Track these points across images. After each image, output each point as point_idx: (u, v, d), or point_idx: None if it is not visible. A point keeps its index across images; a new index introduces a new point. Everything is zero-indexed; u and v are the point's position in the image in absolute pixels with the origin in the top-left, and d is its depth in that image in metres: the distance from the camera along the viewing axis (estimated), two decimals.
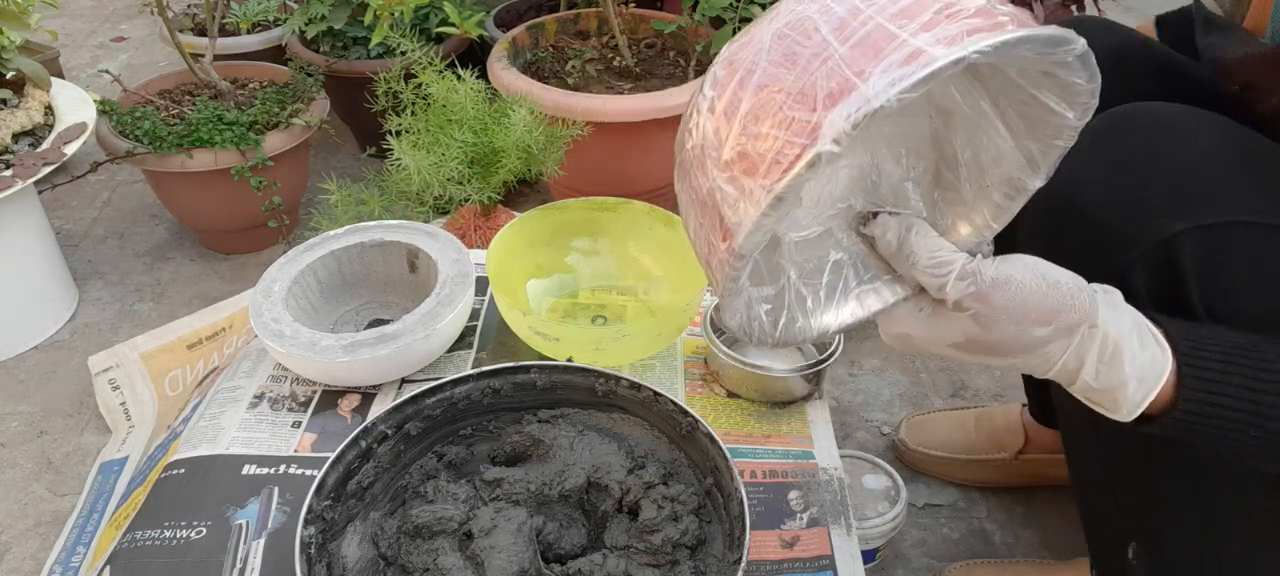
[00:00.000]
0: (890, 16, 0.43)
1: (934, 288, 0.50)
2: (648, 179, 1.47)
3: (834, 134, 0.41)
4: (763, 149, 0.43)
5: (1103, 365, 0.51)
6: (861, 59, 0.42)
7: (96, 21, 2.46)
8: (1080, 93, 0.46)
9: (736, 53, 0.47)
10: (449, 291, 0.90)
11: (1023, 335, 0.50)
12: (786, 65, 0.44)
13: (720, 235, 0.47)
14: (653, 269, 1.01)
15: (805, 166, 0.41)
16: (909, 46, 0.41)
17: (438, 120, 1.18)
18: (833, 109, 0.41)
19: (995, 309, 0.49)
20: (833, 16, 0.44)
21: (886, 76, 0.40)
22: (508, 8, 1.81)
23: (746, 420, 0.87)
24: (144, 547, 0.74)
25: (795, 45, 0.44)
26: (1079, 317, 0.50)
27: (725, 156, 0.45)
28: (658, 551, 0.67)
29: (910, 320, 0.53)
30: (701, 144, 0.47)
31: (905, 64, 0.40)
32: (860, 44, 0.42)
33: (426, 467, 0.77)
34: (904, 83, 0.40)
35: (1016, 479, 1.06)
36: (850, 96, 0.41)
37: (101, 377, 1.13)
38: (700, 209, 0.48)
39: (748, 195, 0.44)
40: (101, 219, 1.61)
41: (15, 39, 1.30)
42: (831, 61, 0.42)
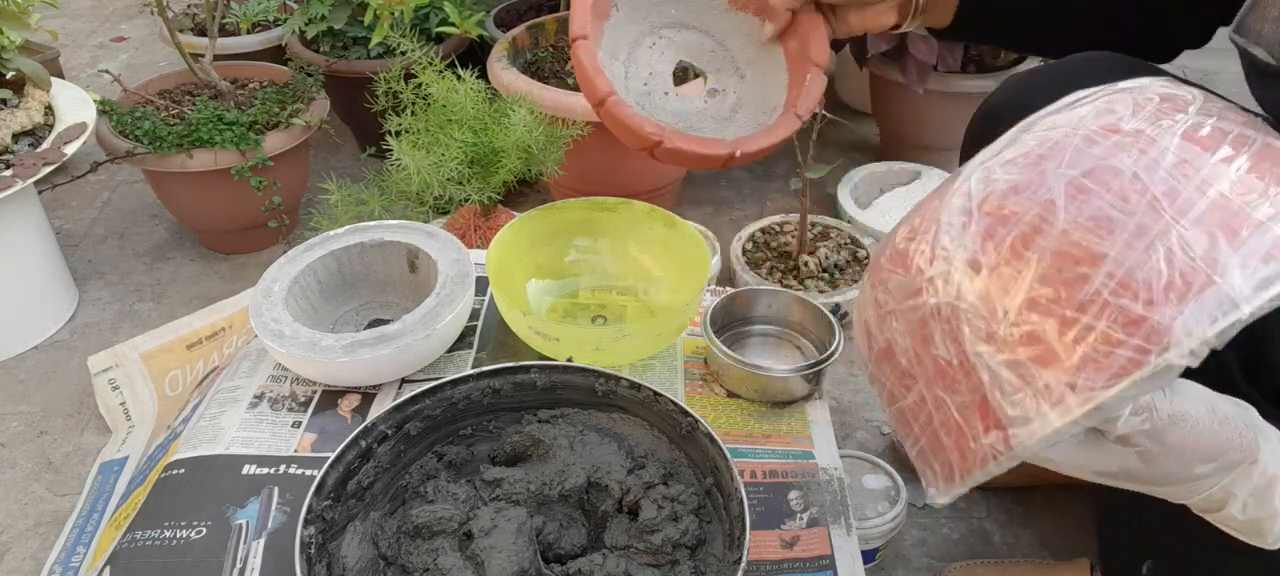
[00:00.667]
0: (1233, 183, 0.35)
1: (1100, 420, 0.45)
2: (648, 179, 1.47)
3: (1193, 344, 0.33)
4: (1069, 339, 0.35)
5: (1253, 499, 0.48)
6: (1211, 243, 0.34)
7: (96, 21, 2.46)
8: None
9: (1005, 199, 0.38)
10: (449, 291, 0.90)
11: (1184, 472, 0.46)
12: (1099, 233, 0.35)
13: (982, 423, 0.38)
14: (653, 269, 1.01)
15: (1149, 375, 0.34)
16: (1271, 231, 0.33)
17: (438, 120, 1.18)
18: (1182, 306, 0.33)
19: (1166, 447, 0.44)
20: (1157, 174, 0.35)
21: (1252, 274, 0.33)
22: (508, 8, 1.81)
23: (746, 420, 0.87)
24: (144, 547, 0.74)
25: (1108, 208, 0.36)
26: (1242, 455, 0.46)
27: (1003, 333, 0.37)
28: (658, 551, 0.67)
29: (1061, 446, 0.46)
30: (954, 305, 0.38)
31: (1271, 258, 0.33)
32: (1204, 221, 0.34)
33: (426, 467, 0.77)
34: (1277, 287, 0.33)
35: (1016, 479, 1.05)
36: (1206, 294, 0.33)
37: (101, 377, 1.13)
38: (940, 377, 0.40)
39: (1044, 392, 0.36)
40: (101, 219, 1.61)
41: (15, 39, 1.30)
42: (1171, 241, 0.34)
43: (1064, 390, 0.35)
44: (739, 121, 0.80)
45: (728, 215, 1.57)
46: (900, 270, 0.42)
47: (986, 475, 0.40)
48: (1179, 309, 0.33)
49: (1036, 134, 0.40)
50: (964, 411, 0.39)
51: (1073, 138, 0.38)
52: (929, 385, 0.41)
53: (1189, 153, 0.36)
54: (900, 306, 0.42)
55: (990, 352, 0.37)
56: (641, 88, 0.80)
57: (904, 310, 0.42)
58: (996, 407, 0.38)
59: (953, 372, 0.39)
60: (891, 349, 0.43)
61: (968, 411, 0.39)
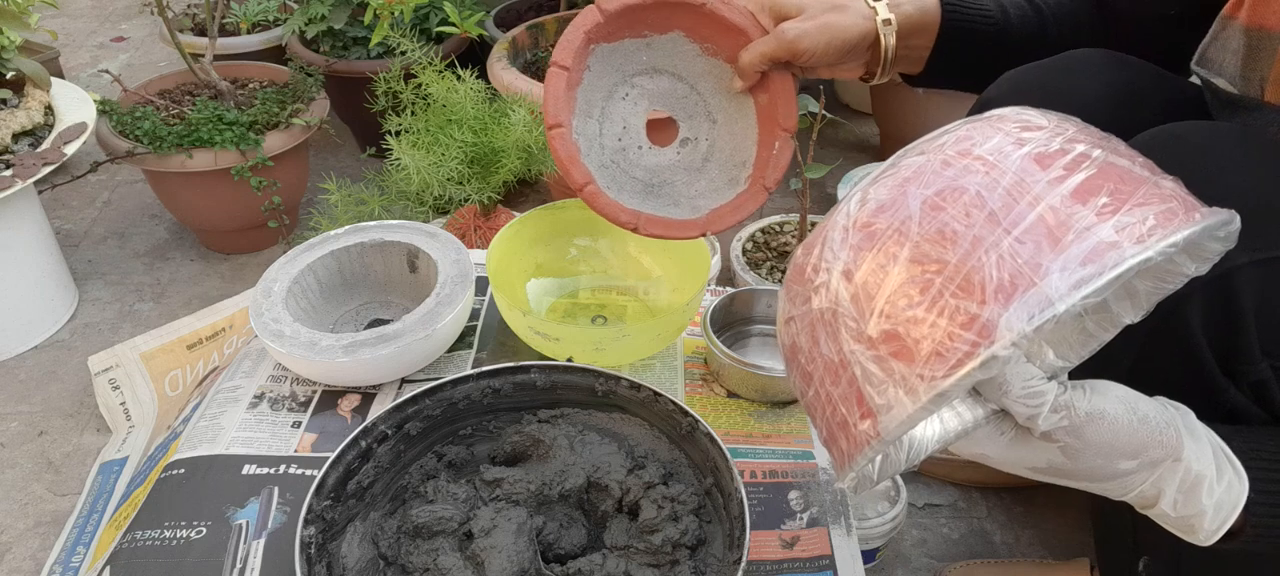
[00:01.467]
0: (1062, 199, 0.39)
1: (1024, 417, 0.48)
2: None
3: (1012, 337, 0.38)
4: (918, 335, 0.40)
5: (1181, 496, 0.50)
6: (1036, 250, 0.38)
7: (96, 21, 2.46)
8: (1210, 254, 0.45)
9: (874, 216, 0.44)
10: (449, 291, 0.90)
11: (1108, 468, 0.49)
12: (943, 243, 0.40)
13: (859, 412, 0.44)
14: (653, 269, 1.01)
15: (977, 367, 0.38)
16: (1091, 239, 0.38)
17: (437, 120, 1.18)
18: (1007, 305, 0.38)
19: (1086, 443, 0.48)
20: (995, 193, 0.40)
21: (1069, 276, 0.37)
22: (508, 8, 1.81)
23: (746, 420, 0.87)
24: (144, 547, 0.74)
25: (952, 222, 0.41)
26: (1165, 453, 0.49)
27: (869, 331, 0.42)
28: (658, 551, 0.67)
29: (990, 443, 0.51)
30: (833, 309, 0.44)
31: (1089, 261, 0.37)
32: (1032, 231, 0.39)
33: (426, 467, 0.77)
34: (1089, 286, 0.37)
35: (1016, 479, 1.06)
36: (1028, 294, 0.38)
37: (101, 378, 1.13)
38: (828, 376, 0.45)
39: (900, 382, 0.41)
40: (101, 219, 1.61)
41: (15, 39, 1.30)
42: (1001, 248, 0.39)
43: (915, 380, 0.40)
44: (710, 173, 0.86)
45: None
46: (798, 281, 0.48)
47: (867, 459, 0.44)
48: (1004, 308, 0.38)
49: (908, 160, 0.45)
50: (846, 403, 0.44)
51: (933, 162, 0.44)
52: (821, 381, 0.46)
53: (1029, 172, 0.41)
54: (798, 312, 0.47)
55: (861, 350, 0.43)
56: (616, 144, 0.85)
57: (800, 315, 0.47)
58: (867, 399, 0.43)
59: (836, 369, 0.45)
60: (794, 350, 0.49)
61: (848, 403, 0.44)
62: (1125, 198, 0.40)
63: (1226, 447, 0.52)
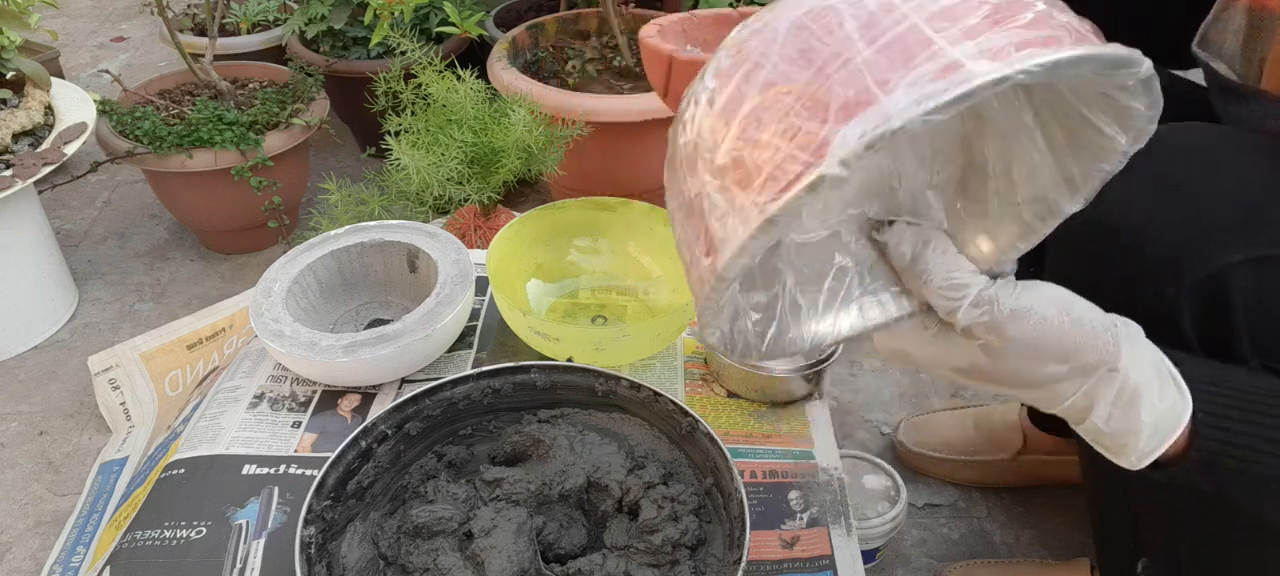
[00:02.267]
0: (929, 16, 0.37)
1: (944, 310, 0.46)
2: (648, 179, 1.47)
3: (843, 154, 0.35)
4: (760, 159, 0.37)
5: (1116, 410, 0.47)
6: (887, 66, 0.36)
7: (96, 21, 2.46)
8: (1137, 118, 0.41)
9: (746, 39, 0.40)
10: (449, 291, 0.90)
11: (1033, 371, 0.46)
12: (800, 63, 0.38)
13: (703, 248, 0.41)
14: (653, 269, 1.01)
15: (805, 189, 0.36)
16: (946, 56, 0.35)
17: (437, 120, 1.18)
18: (845, 123, 0.35)
19: (1008, 342, 0.45)
20: (862, 9, 0.37)
21: (913, 91, 0.35)
22: (508, 8, 1.81)
23: (746, 420, 0.87)
24: (144, 547, 0.74)
25: (814, 40, 0.38)
26: (1099, 359, 0.46)
27: (718, 161, 0.39)
28: (658, 551, 0.67)
29: (912, 338, 0.49)
30: (695, 142, 0.41)
31: (938, 77, 0.35)
32: (888, 47, 0.36)
33: (426, 467, 0.77)
34: (931, 102, 0.34)
35: (1016, 479, 1.06)
36: (867, 111, 0.35)
37: (101, 378, 1.13)
38: (686, 213, 0.42)
39: (738, 211, 0.38)
40: (101, 219, 1.61)
41: (15, 39, 1.30)
42: (852, 65, 0.36)
43: (750, 207, 0.38)
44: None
45: None
46: (677, 119, 0.44)
47: (711, 302, 0.42)
48: (840, 125, 0.35)
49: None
50: (696, 240, 0.42)
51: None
52: (682, 224, 0.43)
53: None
54: (670, 150, 0.44)
55: (710, 181, 0.40)
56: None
57: (671, 154, 0.44)
58: (712, 233, 0.40)
59: (691, 205, 0.42)
60: (667, 196, 0.45)
61: (696, 240, 0.42)
62: (1000, 21, 0.36)
63: (1173, 368, 0.49)
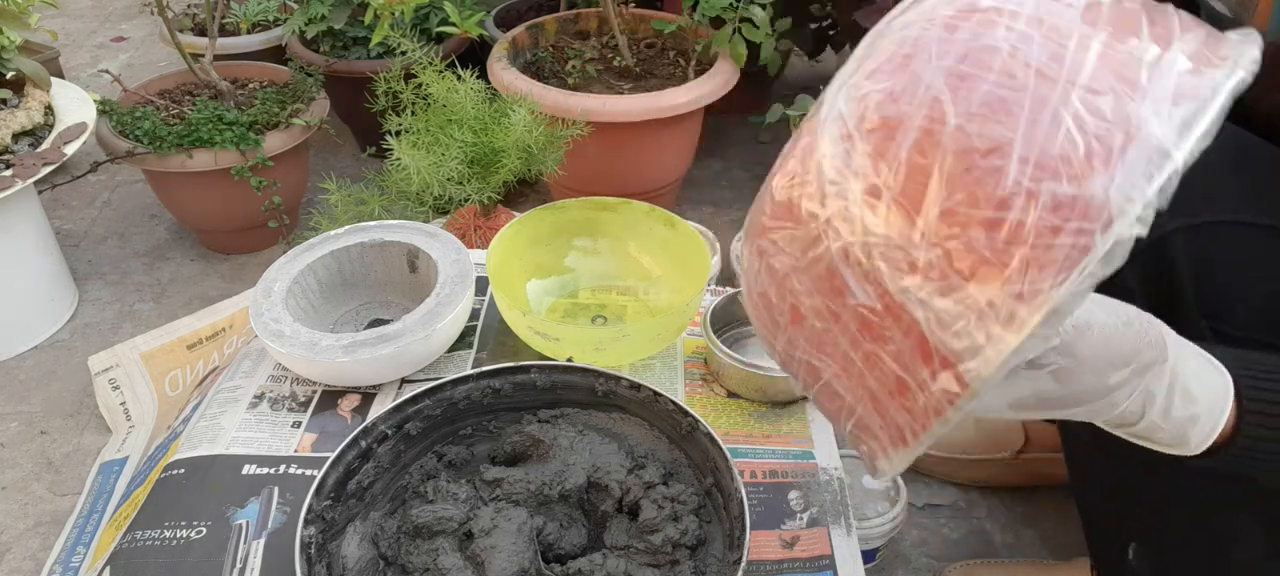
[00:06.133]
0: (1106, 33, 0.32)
1: None
2: (648, 179, 1.47)
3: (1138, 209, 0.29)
4: (1000, 243, 0.31)
5: (1172, 401, 0.46)
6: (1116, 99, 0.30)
7: (96, 21, 2.46)
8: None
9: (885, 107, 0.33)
10: (449, 291, 0.90)
11: (1101, 383, 0.43)
12: (997, 117, 0.31)
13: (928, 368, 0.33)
14: (653, 269, 1.01)
15: (1100, 260, 0.30)
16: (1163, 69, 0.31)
17: (438, 120, 1.18)
18: (1110, 171, 0.29)
19: (1079, 360, 0.42)
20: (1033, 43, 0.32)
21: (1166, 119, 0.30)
22: (508, 8, 1.81)
23: (746, 420, 0.87)
24: (144, 547, 0.74)
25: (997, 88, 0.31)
26: (1155, 355, 0.44)
27: (925, 258, 0.32)
28: (658, 551, 0.67)
29: None
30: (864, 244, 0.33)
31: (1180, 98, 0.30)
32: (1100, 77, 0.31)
33: (426, 467, 0.77)
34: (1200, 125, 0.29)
35: (1016, 478, 1.06)
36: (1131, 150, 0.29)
37: (101, 378, 1.13)
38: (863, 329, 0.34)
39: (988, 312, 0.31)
40: (101, 219, 1.60)
41: (15, 39, 1.30)
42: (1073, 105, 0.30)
43: (1012, 303, 0.31)
44: None
45: (728, 215, 1.57)
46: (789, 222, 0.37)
47: (945, 426, 0.35)
48: (1110, 175, 0.30)
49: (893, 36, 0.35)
50: (902, 360, 0.34)
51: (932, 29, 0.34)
52: (854, 344, 0.35)
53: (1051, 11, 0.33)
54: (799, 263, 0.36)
55: (917, 284, 0.32)
56: None
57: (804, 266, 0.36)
58: (939, 345, 0.32)
59: (879, 320, 0.34)
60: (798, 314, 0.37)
61: (907, 359, 0.34)
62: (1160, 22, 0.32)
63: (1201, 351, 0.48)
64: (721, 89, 1.42)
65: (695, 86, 1.40)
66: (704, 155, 1.62)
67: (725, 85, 1.43)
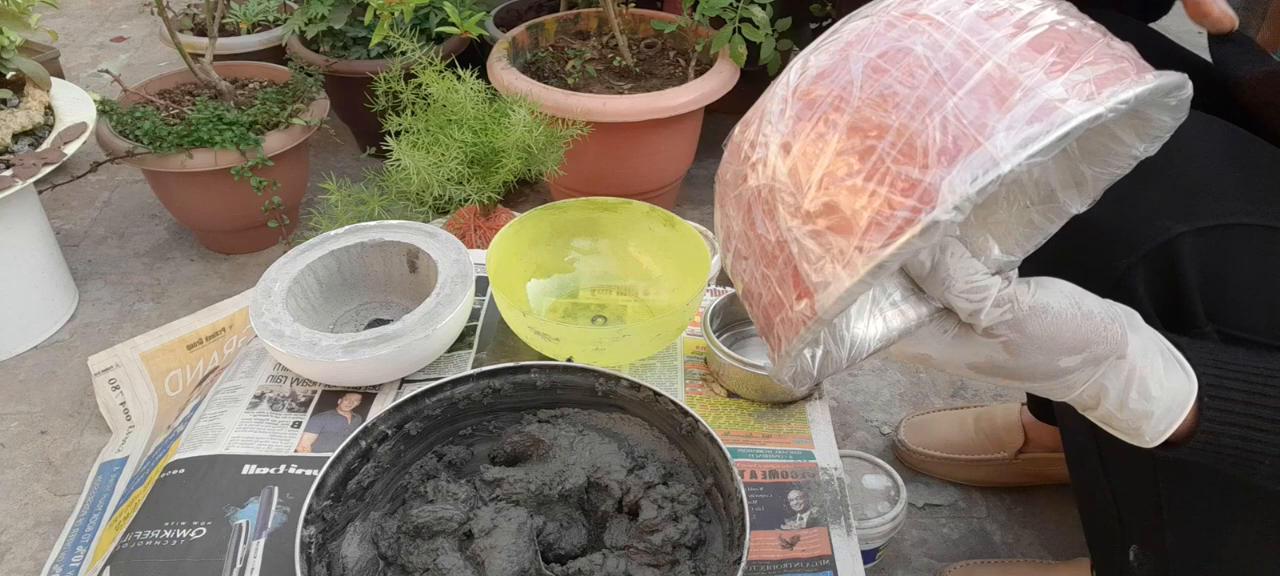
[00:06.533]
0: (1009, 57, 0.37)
1: (967, 312, 0.47)
2: (648, 179, 1.47)
3: (955, 200, 0.35)
4: (857, 205, 0.38)
5: (1127, 394, 0.49)
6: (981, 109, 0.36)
7: (96, 21, 2.46)
8: (1160, 128, 0.43)
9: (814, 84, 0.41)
10: (449, 291, 0.90)
11: (1050, 364, 0.48)
12: (885, 107, 0.38)
13: (795, 293, 0.41)
14: (653, 269, 1.01)
15: (918, 234, 0.36)
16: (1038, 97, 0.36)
17: (437, 120, 1.18)
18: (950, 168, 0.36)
19: (1027, 338, 0.47)
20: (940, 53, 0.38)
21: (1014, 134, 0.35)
22: (508, 8, 1.81)
23: (746, 420, 0.87)
24: (144, 547, 0.74)
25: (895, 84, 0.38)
26: (1109, 349, 0.48)
27: (806, 206, 0.40)
28: (658, 551, 0.67)
29: (933, 341, 0.50)
30: (770, 185, 0.41)
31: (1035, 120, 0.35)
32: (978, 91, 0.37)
33: (426, 467, 0.77)
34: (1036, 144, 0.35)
35: (1016, 478, 1.06)
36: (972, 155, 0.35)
37: (101, 378, 1.13)
38: (764, 256, 0.43)
39: (839, 257, 0.39)
40: (101, 219, 1.61)
41: (15, 39, 1.30)
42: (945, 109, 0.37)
43: (853, 253, 0.38)
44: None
45: None
46: (734, 160, 0.45)
47: (802, 342, 0.42)
48: (947, 171, 0.36)
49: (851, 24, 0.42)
50: (781, 284, 0.42)
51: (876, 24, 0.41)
52: (757, 263, 0.44)
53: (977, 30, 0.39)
54: (733, 193, 0.45)
55: (798, 226, 0.40)
56: None
57: (735, 196, 0.44)
58: (804, 277, 0.40)
59: (771, 249, 0.42)
60: (729, 235, 0.46)
61: (784, 283, 0.42)
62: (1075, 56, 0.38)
63: (1175, 350, 0.51)
64: (721, 89, 1.42)
65: (695, 86, 1.40)
66: (704, 155, 1.62)
67: (725, 85, 1.43)
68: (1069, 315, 0.47)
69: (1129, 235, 0.59)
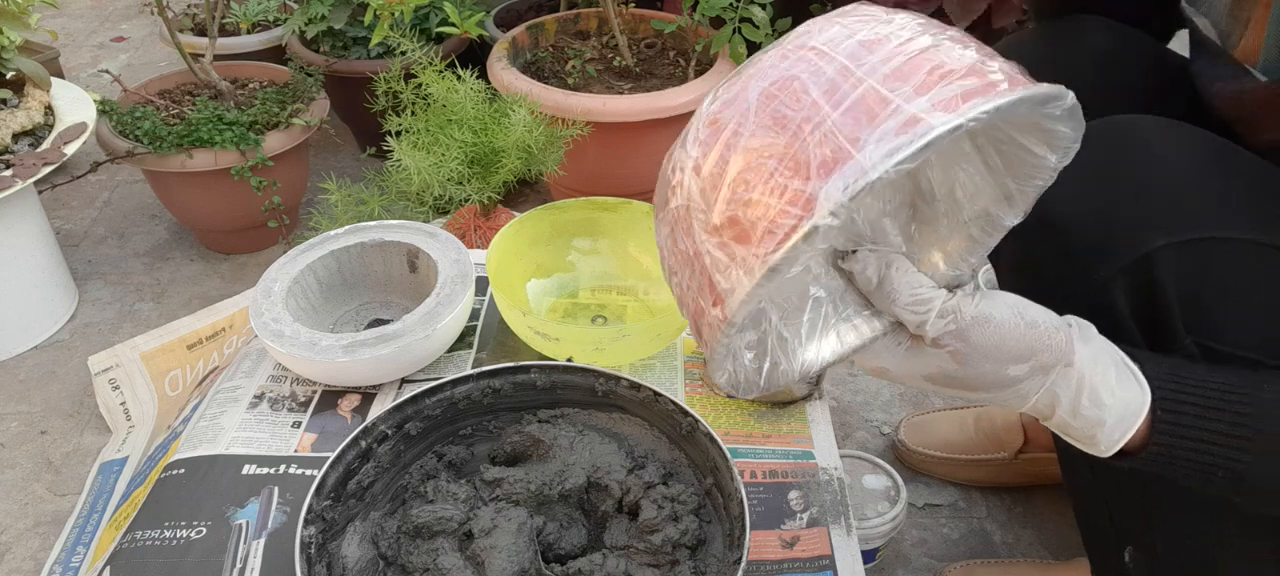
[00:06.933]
0: (882, 78, 0.41)
1: (913, 324, 0.50)
2: (648, 179, 1.47)
3: (830, 206, 0.39)
4: (754, 216, 0.42)
5: (1079, 402, 0.51)
6: (855, 126, 0.41)
7: (96, 21, 2.46)
8: (1063, 139, 0.46)
9: (720, 111, 0.46)
10: (449, 291, 0.90)
11: (998, 373, 0.50)
12: (775, 129, 0.43)
13: (711, 299, 0.46)
14: (653, 269, 1.01)
15: (801, 239, 0.40)
16: (904, 112, 0.40)
17: (438, 120, 1.18)
18: (827, 179, 0.40)
19: (972, 347, 0.49)
20: (823, 78, 0.43)
21: (882, 145, 0.39)
22: (508, 8, 1.81)
23: (746, 420, 0.87)
24: (144, 547, 0.74)
25: (784, 108, 0.43)
26: (1054, 357, 0.50)
27: (714, 220, 0.44)
28: (658, 551, 0.67)
29: (888, 355, 0.53)
30: (686, 205, 0.46)
31: (902, 132, 0.39)
32: (852, 109, 0.41)
33: (426, 467, 0.77)
34: (901, 153, 0.39)
35: (1016, 478, 1.06)
36: (845, 166, 0.40)
37: (101, 378, 1.13)
38: (687, 269, 0.47)
39: (740, 263, 0.43)
40: (101, 219, 1.61)
41: (15, 39, 1.30)
42: (824, 127, 0.41)
43: (752, 259, 0.42)
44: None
45: None
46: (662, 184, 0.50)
47: (722, 345, 0.47)
48: (824, 181, 0.40)
49: (755, 58, 0.47)
50: (701, 293, 0.46)
51: (772, 56, 0.46)
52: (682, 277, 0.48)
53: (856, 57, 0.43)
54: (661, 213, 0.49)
55: (708, 240, 0.44)
56: None
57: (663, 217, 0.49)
58: (716, 285, 0.45)
59: (691, 262, 0.46)
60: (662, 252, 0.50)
61: (703, 292, 0.46)
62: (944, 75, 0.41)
63: (1129, 361, 0.52)
64: None
65: (695, 86, 1.40)
66: None
67: None
68: (1011, 324, 0.49)
69: (1109, 248, 0.59)
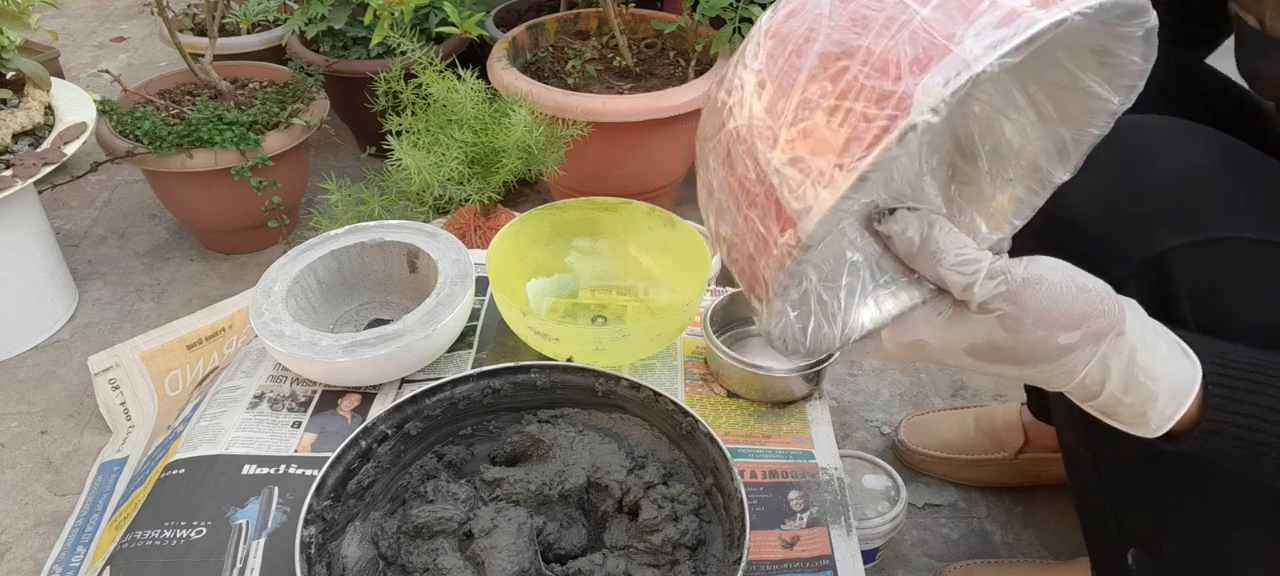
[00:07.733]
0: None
1: (959, 287, 0.46)
2: (648, 179, 1.47)
3: (931, 103, 0.36)
4: (834, 125, 0.38)
5: (1132, 374, 0.48)
6: (948, 22, 0.37)
7: (96, 21, 2.46)
8: (1130, 73, 0.43)
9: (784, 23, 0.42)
10: (449, 291, 0.90)
11: (1049, 340, 0.46)
12: (856, 31, 0.39)
13: (778, 226, 0.41)
14: (653, 269, 1.01)
15: (896, 139, 0.37)
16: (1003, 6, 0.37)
17: (438, 120, 1.18)
18: (923, 75, 0.37)
19: (1024, 310, 0.45)
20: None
21: (984, 39, 0.36)
22: (508, 8, 1.81)
23: (746, 420, 0.87)
24: (144, 547, 0.74)
25: (864, 9, 0.39)
26: (1108, 324, 0.47)
27: (785, 136, 0.40)
28: (658, 551, 0.67)
29: (927, 326, 0.49)
30: (749, 125, 0.41)
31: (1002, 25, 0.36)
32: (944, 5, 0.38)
33: (426, 467, 0.77)
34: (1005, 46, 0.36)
35: (1016, 478, 1.06)
36: (944, 61, 0.36)
37: (101, 378, 1.13)
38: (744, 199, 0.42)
39: (819, 178, 0.39)
40: (101, 219, 1.61)
41: (15, 39, 1.30)
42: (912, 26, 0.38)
43: (833, 171, 0.38)
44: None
45: None
46: (710, 113, 0.45)
47: (790, 276, 0.42)
48: (918, 77, 0.37)
49: None
50: (765, 221, 0.42)
51: None
52: (738, 208, 0.43)
53: None
54: (712, 143, 0.45)
55: (777, 156, 0.40)
56: None
57: (713, 145, 0.44)
58: (785, 206, 0.40)
59: (753, 188, 0.42)
60: (711, 191, 0.45)
61: (767, 219, 0.41)
62: None
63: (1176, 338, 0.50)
64: None
65: (695, 86, 1.40)
66: None
67: None
68: (1064, 287, 0.46)
69: (1122, 247, 0.58)
